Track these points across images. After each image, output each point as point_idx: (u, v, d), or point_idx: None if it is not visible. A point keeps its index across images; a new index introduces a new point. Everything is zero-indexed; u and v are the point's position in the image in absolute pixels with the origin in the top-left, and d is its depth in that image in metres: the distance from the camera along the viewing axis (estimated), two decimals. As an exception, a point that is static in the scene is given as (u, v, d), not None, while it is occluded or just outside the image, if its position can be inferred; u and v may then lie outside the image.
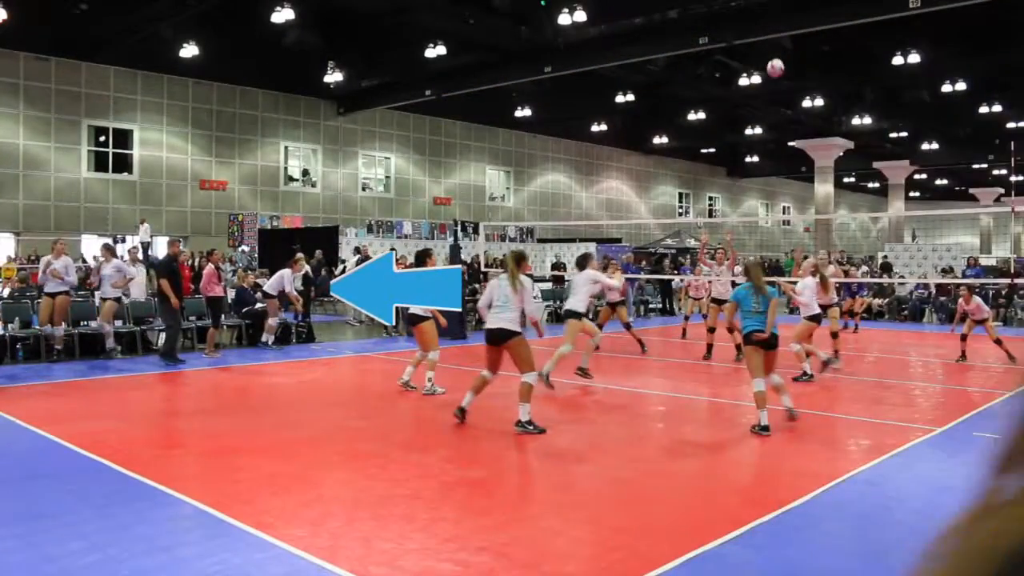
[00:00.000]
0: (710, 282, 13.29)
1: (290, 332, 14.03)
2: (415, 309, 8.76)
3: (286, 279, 13.20)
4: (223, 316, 12.98)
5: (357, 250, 20.00)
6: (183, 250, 14.27)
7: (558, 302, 19.44)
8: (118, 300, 12.01)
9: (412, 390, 8.92)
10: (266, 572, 3.93)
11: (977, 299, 12.20)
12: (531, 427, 6.94)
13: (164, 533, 4.48)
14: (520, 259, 7.27)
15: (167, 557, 4.10)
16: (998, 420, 7.82)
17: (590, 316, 11.11)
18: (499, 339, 7.04)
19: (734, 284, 10.94)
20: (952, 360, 12.03)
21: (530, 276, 8.42)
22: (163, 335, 13.14)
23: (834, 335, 11.39)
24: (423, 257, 8.97)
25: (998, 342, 11.97)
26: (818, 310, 10.02)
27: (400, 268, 15.45)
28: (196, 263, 22.37)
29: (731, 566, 4.05)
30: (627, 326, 12.81)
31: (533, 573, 3.92)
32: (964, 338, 12.14)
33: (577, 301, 9.47)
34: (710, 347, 12.18)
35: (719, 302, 12.01)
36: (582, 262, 9.84)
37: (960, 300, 12.49)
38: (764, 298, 7.26)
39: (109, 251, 12.32)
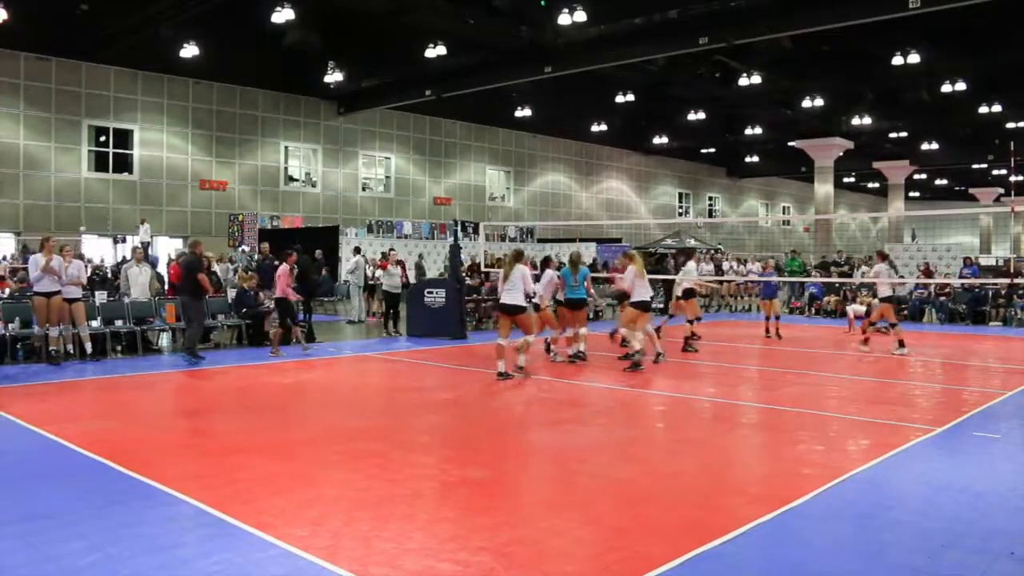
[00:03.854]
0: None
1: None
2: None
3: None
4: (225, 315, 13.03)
5: (357, 250, 19.97)
6: (208, 254, 14.28)
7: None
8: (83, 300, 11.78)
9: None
10: (266, 572, 3.93)
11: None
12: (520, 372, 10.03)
13: (164, 533, 4.48)
14: (518, 255, 10.34)
15: (167, 557, 4.10)
16: (998, 420, 7.83)
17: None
18: (509, 311, 9.99)
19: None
20: (952, 361, 12.03)
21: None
22: (163, 334, 13.19)
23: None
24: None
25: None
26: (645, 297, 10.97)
27: (389, 265, 15.57)
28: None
29: (731, 566, 4.05)
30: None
31: (533, 573, 3.93)
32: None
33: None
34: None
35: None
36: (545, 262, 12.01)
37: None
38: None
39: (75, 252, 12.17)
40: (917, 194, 55.57)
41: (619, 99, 28.13)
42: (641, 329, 10.85)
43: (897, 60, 21.78)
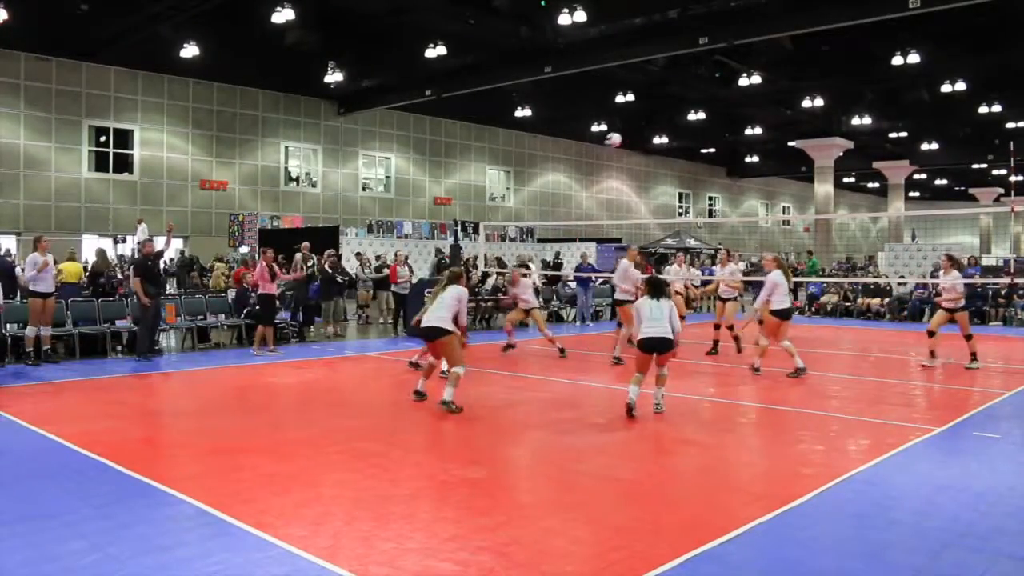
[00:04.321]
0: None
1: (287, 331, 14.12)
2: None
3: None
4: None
5: (358, 255, 20.03)
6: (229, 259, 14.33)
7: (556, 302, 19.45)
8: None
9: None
10: (266, 572, 3.94)
11: None
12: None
13: (164, 533, 4.49)
14: (454, 276, 8.24)
15: (167, 557, 4.11)
16: (998, 420, 7.83)
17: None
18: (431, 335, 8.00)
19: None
20: (952, 361, 12.02)
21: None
22: (162, 335, 13.18)
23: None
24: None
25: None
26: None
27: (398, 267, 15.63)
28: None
29: (731, 566, 4.05)
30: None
31: (533, 573, 3.93)
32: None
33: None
34: (716, 343, 12.77)
35: (723, 300, 12.83)
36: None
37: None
38: None
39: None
40: (917, 194, 55.55)
41: (619, 99, 28.12)
42: (784, 338, 10.39)
43: (897, 60, 21.77)
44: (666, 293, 7.98)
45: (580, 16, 18.60)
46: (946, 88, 25.49)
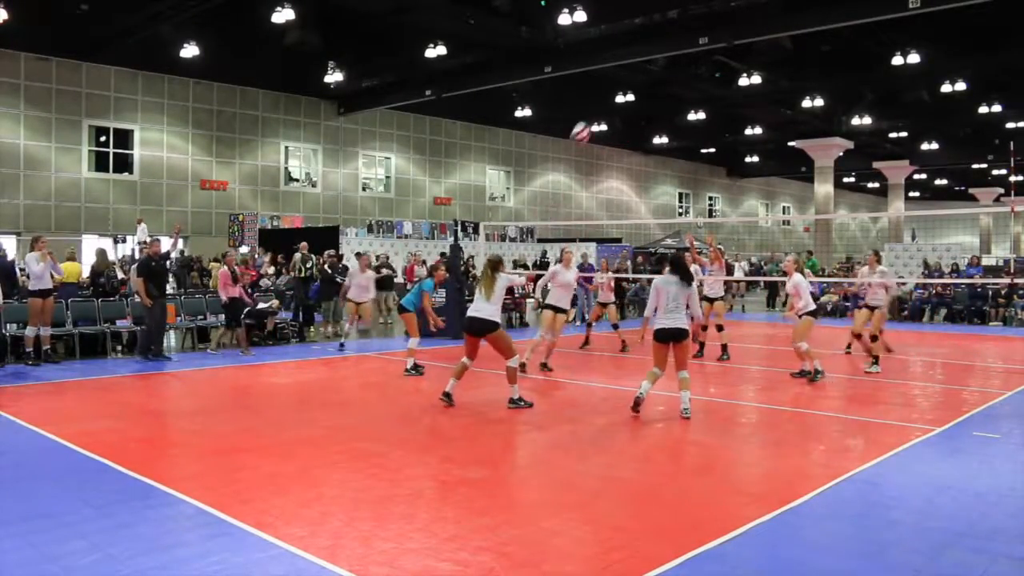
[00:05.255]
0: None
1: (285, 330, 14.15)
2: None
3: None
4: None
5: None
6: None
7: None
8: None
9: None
10: (266, 572, 3.94)
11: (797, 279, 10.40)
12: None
13: (164, 533, 4.49)
14: (495, 264, 8.30)
15: (167, 557, 4.11)
16: (998, 420, 7.83)
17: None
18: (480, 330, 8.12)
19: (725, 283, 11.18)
20: (952, 361, 12.02)
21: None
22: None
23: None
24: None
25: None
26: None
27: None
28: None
29: (731, 566, 4.06)
30: (615, 326, 13.72)
31: (533, 573, 3.93)
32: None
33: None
34: (702, 344, 12.42)
35: (710, 300, 12.42)
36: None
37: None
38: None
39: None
40: (917, 194, 55.54)
41: (619, 99, 28.12)
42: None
43: (897, 60, 21.77)
44: (690, 275, 7.82)
45: (580, 16, 18.60)
46: (946, 88, 25.49)
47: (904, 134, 35.18)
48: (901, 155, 39.41)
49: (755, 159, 44.27)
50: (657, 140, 38.32)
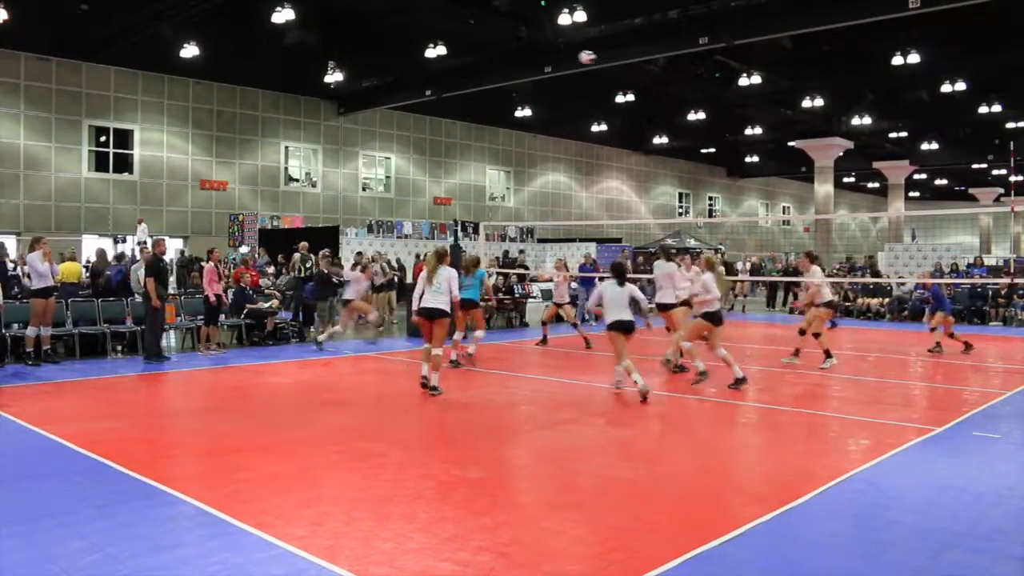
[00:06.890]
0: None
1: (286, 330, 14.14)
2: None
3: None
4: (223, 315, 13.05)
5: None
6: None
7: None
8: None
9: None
10: (266, 572, 3.94)
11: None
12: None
13: (164, 533, 4.49)
14: (440, 255, 9.25)
15: (167, 557, 4.11)
16: (998, 420, 7.82)
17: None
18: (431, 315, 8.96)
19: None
20: (952, 361, 12.03)
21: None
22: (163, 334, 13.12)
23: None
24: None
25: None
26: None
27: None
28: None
29: (731, 566, 4.06)
30: (574, 325, 14.18)
31: (533, 573, 3.93)
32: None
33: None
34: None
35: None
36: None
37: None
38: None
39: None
40: (917, 194, 55.53)
41: (619, 99, 28.11)
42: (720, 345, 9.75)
43: (897, 60, 21.77)
44: (625, 278, 8.97)
45: (580, 16, 18.58)
46: (946, 88, 25.49)
47: (904, 134, 35.17)
48: (901, 155, 39.40)
49: (755, 159, 44.25)
50: (657, 140, 38.30)
